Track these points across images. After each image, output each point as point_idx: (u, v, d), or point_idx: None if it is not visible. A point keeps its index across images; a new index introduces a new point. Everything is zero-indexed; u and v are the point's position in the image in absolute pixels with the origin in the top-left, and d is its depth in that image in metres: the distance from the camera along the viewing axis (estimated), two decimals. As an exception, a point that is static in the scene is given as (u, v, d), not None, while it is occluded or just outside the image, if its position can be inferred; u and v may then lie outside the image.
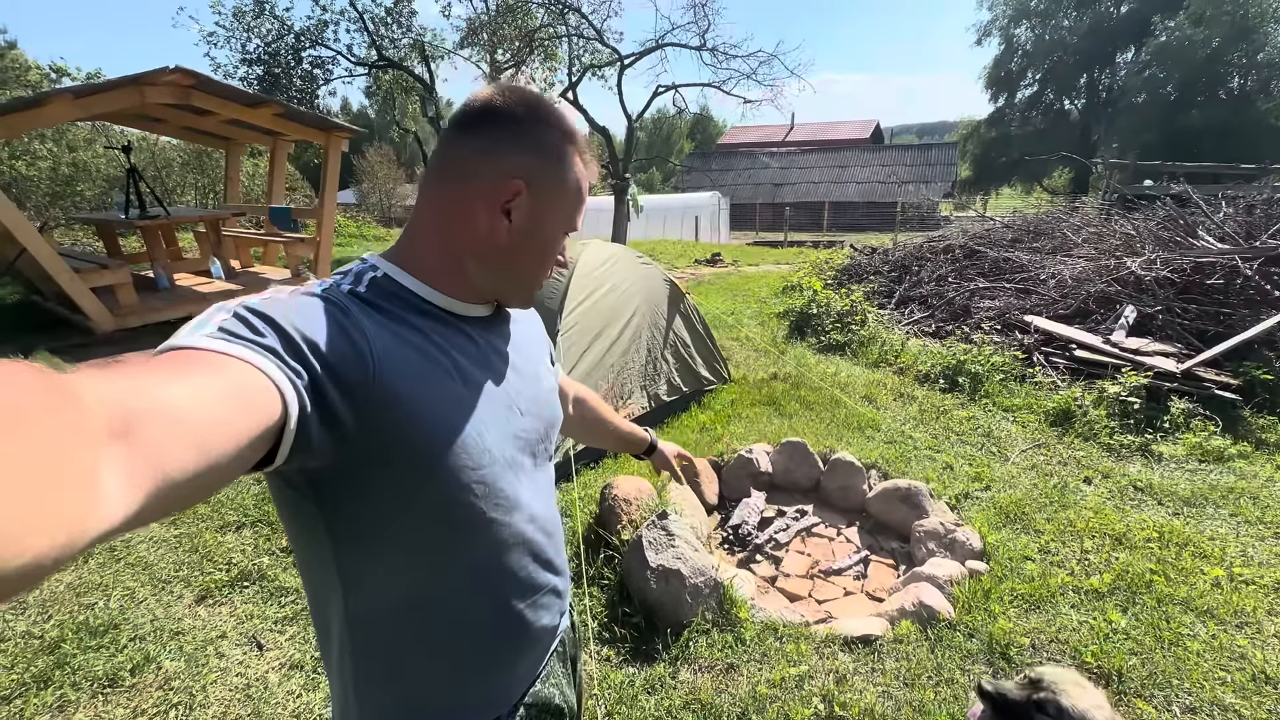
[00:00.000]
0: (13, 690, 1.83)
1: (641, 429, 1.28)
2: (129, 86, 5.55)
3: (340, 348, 0.55)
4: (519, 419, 0.76)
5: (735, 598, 2.21)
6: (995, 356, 4.66)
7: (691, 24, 11.78)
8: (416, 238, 0.71)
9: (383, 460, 0.60)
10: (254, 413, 0.45)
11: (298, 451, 0.51)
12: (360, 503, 0.62)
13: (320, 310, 0.57)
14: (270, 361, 0.48)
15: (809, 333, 5.93)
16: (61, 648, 1.98)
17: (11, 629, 2.08)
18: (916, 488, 2.97)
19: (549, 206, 0.71)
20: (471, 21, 12.52)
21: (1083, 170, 23.10)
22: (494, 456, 0.69)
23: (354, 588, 0.67)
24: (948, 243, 7.69)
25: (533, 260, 0.74)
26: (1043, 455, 3.52)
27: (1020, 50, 25.95)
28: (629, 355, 3.69)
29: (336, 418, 0.54)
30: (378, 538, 0.65)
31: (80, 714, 1.77)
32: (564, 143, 0.71)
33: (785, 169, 29.38)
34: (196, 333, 0.49)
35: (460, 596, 0.72)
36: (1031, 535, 2.73)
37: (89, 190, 12.46)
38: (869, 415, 4.00)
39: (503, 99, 0.68)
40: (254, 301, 0.54)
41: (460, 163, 0.69)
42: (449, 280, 0.70)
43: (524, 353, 0.82)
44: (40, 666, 1.91)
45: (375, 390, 0.57)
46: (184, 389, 0.41)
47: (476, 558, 0.72)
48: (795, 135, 35.28)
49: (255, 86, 11.68)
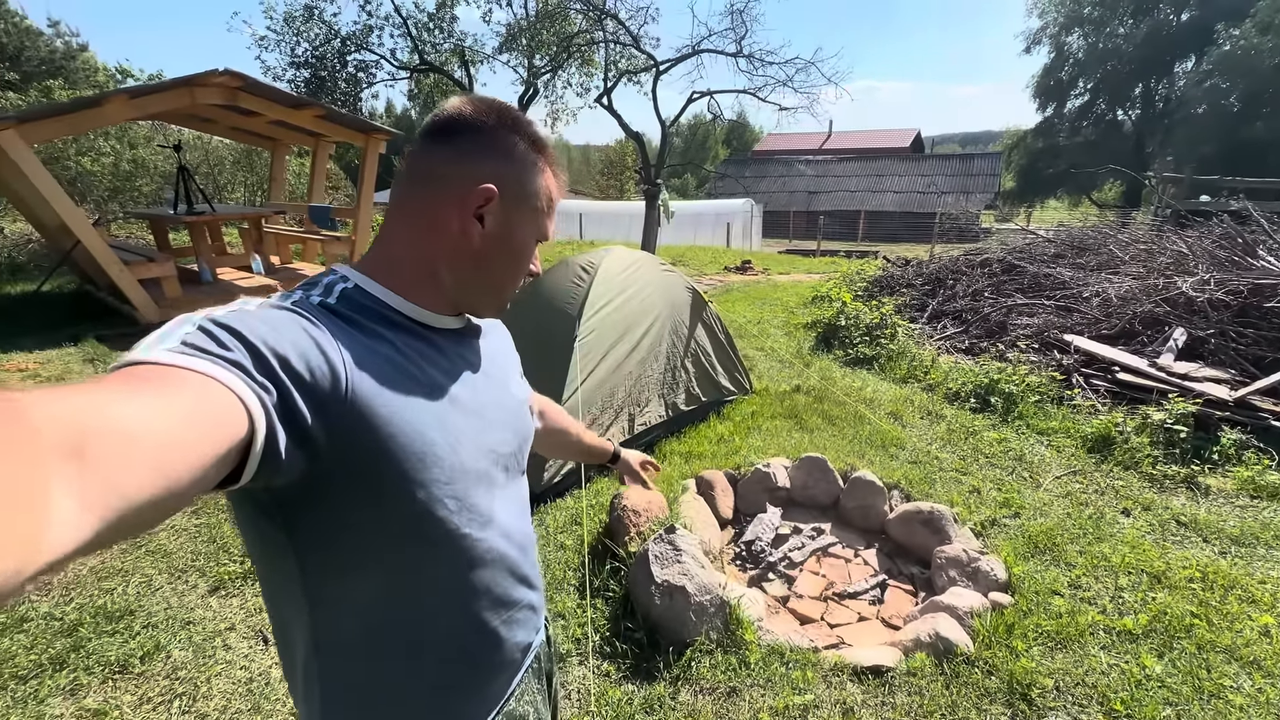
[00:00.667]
0: (30, 671, 1.89)
1: (604, 439, 1.27)
2: (180, 88, 5.80)
3: (310, 361, 0.54)
4: (492, 432, 0.75)
5: (741, 618, 2.14)
6: (1031, 376, 4.47)
7: (728, 30, 11.72)
8: (388, 248, 0.70)
9: (353, 476, 0.58)
10: (217, 430, 0.43)
11: (265, 469, 0.49)
12: (328, 520, 0.61)
13: (289, 322, 0.55)
14: (236, 376, 0.47)
15: (836, 345, 5.80)
16: (79, 631, 2.05)
17: (36, 610, 2.15)
18: (940, 511, 2.85)
19: (520, 213, 0.72)
20: (511, 27, 12.73)
21: (1135, 184, 22.15)
22: (467, 470, 0.68)
23: (321, 609, 0.65)
24: (985, 256, 7.44)
25: (505, 267, 0.74)
26: (1078, 483, 3.34)
27: (1071, 59, 25.12)
28: (648, 363, 3.65)
29: (306, 434, 0.53)
30: (346, 556, 0.63)
31: (90, 698, 1.81)
32: (533, 151, 0.71)
33: (821, 177, 29.02)
34: (158, 346, 0.47)
35: (433, 615, 0.70)
36: (1062, 568, 2.59)
37: (146, 186, 13.05)
38: (894, 433, 3.87)
39: (472, 108, 0.69)
40: (220, 314, 0.52)
41: (432, 170, 0.69)
42: (421, 291, 0.69)
43: (495, 365, 0.81)
44: (58, 649, 1.97)
45: (347, 404, 0.56)
46: (142, 406, 0.39)
47: (449, 575, 0.70)
48: (833, 143, 34.88)
49: (302, 89, 12.10)
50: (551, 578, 2.44)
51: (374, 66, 12.97)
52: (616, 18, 11.81)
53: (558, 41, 12.39)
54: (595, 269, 3.56)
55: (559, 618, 2.23)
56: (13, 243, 9.84)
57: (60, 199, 5.29)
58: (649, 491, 2.80)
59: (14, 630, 2.05)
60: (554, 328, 3.38)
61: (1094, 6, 23.70)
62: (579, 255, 3.81)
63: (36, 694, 1.81)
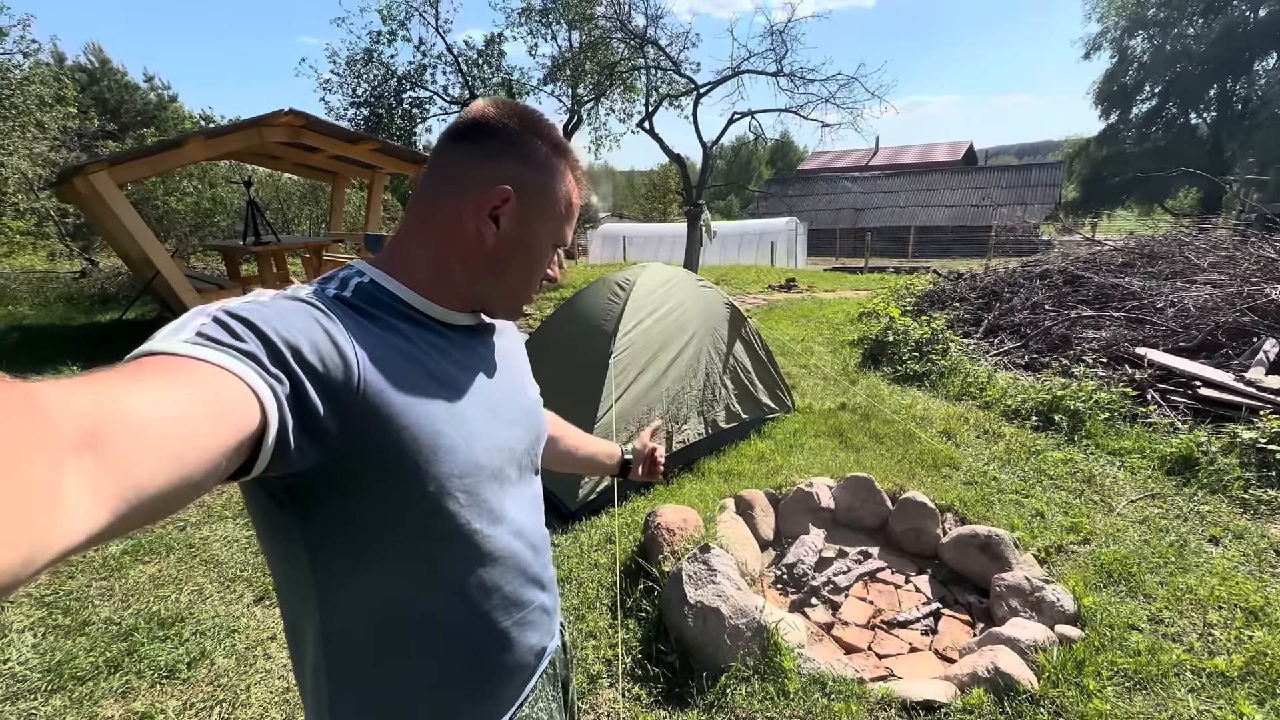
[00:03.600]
0: (88, 673, 1.98)
1: (612, 443, 1.19)
2: (251, 127, 6.26)
3: (324, 353, 0.54)
4: (505, 429, 0.74)
5: (780, 644, 2.03)
6: (1100, 393, 4.16)
7: (768, 51, 11.77)
8: (405, 244, 0.71)
9: (365, 468, 0.58)
10: (230, 421, 0.43)
11: (277, 460, 0.49)
12: (340, 512, 0.60)
13: (304, 314, 0.55)
14: (249, 368, 0.47)
15: (884, 362, 5.59)
16: (134, 636, 2.14)
17: (97, 614, 2.27)
18: (998, 536, 2.65)
19: (537, 216, 0.71)
20: (555, 59, 13.19)
21: (1212, 189, 20.69)
22: (479, 465, 0.67)
23: (331, 603, 0.65)
24: (1045, 267, 7.05)
25: (520, 269, 0.73)
26: (1157, 507, 3.06)
27: (1136, 62, 23.93)
28: (686, 379, 3.60)
29: (319, 425, 0.53)
30: (357, 550, 0.63)
31: (139, 701, 1.88)
32: (554, 155, 0.71)
33: (868, 193, 28.47)
34: (173, 337, 0.47)
35: (442, 613, 0.69)
36: (1140, 600, 2.36)
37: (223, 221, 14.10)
38: (947, 452, 3.66)
39: (495, 111, 0.70)
40: (235, 305, 0.53)
41: (451, 170, 0.70)
42: (436, 287, 0.70)
43: (509, 363, 0.81)
44: (114, 652, 2.06)
45: (360, 396, 0.56)
46: (156, 397, 0.39)
47: (460, 572, 0.69)
48: (880, 159, 34.22)
49: (362, 126, 12.85)
50: (584, 596, 2.39)
51: (427, 102, 13.67)
52: (657, 44, 12.06)
53: (600, 70, 12.74)
54: (631, 285, 3.56)
55: (590, 637, 2.18)
56: (104, 275, 10.75)
57: (143, 233, 5.75)
58: (684, 509, 2.74)
59: (76, 633, 2.16)
60: (589, 344, 3.39)
61: (1159, 8, 22.58)
62: (615, 273, 3.82)
63: (92, 695, 1.89)
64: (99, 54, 22.70)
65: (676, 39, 12.26)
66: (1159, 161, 21.63)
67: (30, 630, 2.17)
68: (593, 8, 12.22)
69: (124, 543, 2.68)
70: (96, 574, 2.52)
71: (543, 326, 4.01)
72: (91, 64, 22.19)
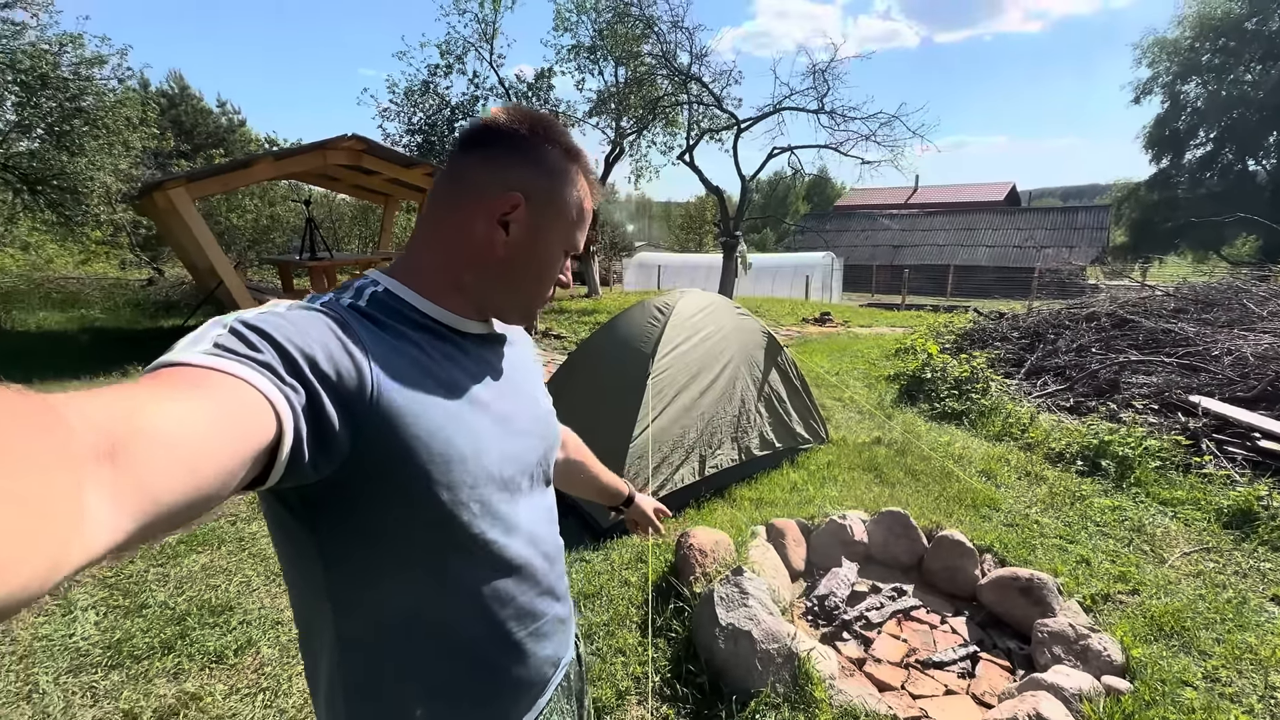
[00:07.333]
0: (144, 652, 2.08)
1: (622, 480, 1.23)
2: (315, 150, 6.66)
3: (339, 363, 0.54)
4: (518, 439, 0.74)
5: (812, 673, 2.01)
6: (1151, 440, 4.02)
7: (810, 89, 11.97)
8: (418, 253, 0.71)
9: (380, 476, 0.59)
10: (248, 432, 0.44)
11: (293, 470, 0.50)
12: (354, 521, 0.61)
13: (319, 324, 0.56)
14: (265, 378, 0.47)
15: (921, 398, 5.50)
16: (186, 621, 2.24)
17: (154, 597, 2.39)
18: (1041, 579, 2.57)
19: (548, 223, 0.71)
20: (601, 93, 13.66)
21: (1273, 236, 19.89)
22: (492, 475, 0.68)
23: (345, 613, 0.65)
24: (1092, 310, 6.87)
25: (530, 276, 0.73)
26: (1213, 561, 2.92)
27: (1189, 107, 23.47)
28: (721, 404, 3.63)
29: (334, 434, 0.53)
30: (371, 558, 0.63)
31: (190, 682, 1.96)
32: (566, 161, 0.71)
33: (907, 231, 28.25)
34: (191, 349, 0.47)
35: (456, 623, 0.69)
36: (1194, 656, 2.25)
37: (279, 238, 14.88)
38: (986, 492, 3.57)
39: (507, 117, 0.69)
40: (250, 316, 0.53)
41: (462, 177, 0.69)
42: (448, 295, 0.70)
43: (521, 372, 0.80)
44: (167, 635, 2.17)
45: (374, 405, 0.56)
46: (174, 408, 0.39)
47: (474, 582, 0.69)
48: (920, 197, 34.02)
49: (415, 152, 13.49)
50: (614, 613, 2.41)
51: (478, 131, 14.26)
52: (700, 81, 12.40)
53: (644, 105, 13.14)
54: (670, 309, 3.63)
55: (619, 653, 2.19)
56: (170, 284, 11.41)
57: (212, 246, 6.13)
58: (716, 532, 2.74)
59: (135, 614, 2.28)
60: (628, 365, 3.45)
61: (1214, 54, 22.21)
62: (655, 297, 3.91)
63: (146, 673, 1.99)
64: (179, 80, 24.50)
65: (719, 76, 12.61)
66: (1215, 207, 20.98)
67: (93, 609, 2.30)
68: (640, 46, 12.68)
69: (180, 532, 2.82)
70: (154, 560, 2.66)
71: (582, 346, 4.10)
72: (172, 89, 23.92)
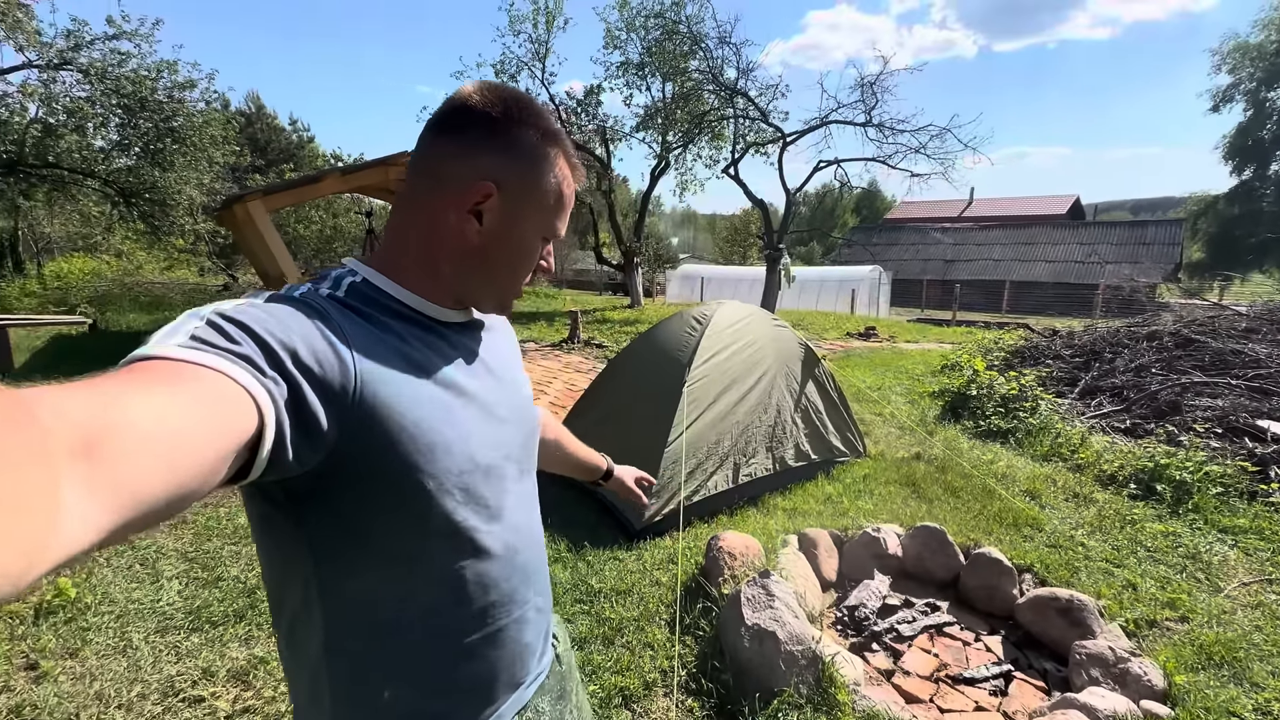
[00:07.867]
0: (219, 619, 2.31)
1: (599, 455, 1.22)
2: (379, 166, 7.10)
3: (320, 354, 0.54)
4: (500, 426, 0.74)
5: (835, 677, 2.04)
6: (1213, 465, 3.83)
7: (858, 102, 11.89)
8: (394, 241, 0.70)
9: (362, 467, 0.58)
10: (227, 426, 0.43)
11: (276, 463, 0.49)
12: (338, 512, 0.60)
13: (298, 315, 0.55)
14: (245, 371, 0.46)
15: (965, 415, 5.38)
16: (256, 594, 2.47)
17: (228, 571, 2.64)
18: (1081, 601, 2.52)
19: (523, 209, 0.69)
20: (649, 108, 13.92)
21: (1374, 255, 18.37)
22: (476, 463, 0.68)
23: (332, 603, 0.64)
24: (1154, 328, 6.56)
25: (505, 264, 0.72)
26: (1275, 593, 2.78)
27: (1275, 115, 22.00)
28: (756, 414, 3.68)
29: (317, 427, 0.52)
30: (357, 549, 0.63)
31: (258, 648, 2.17)
32: (543, 145, 0.69)
33: (959, 245, 27.43)
34: (167, 341, 0.46)
35: (441, 610, 0.69)
36: (1245, 687, 2.16)
37: (341, 248, 15.76)
38: (1029, 512, 3.49)
39: (480, 97, 0.67)
40: (228, 307, 0.52)
41: (434, 164, 0.68)
42: (426, 283, 0.69)
43: (501, 359, 0.80)
44: (239, 605, 2.39)
45: (358, 396, 0.56)
46: (151, 402, 0.39)
47: (458, 569, 0.69)
48: (975, 210, 33.01)
49: (468, 167, 14.06)
50: (644, 610, 2.50)
51: (527, 146, 14.75)
52: (746, 95, 12.49)
53: (690, 119, 13.31)
54: (707, 320, 3.73)
55: (648, 648, 2.28)
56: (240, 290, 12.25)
57: (284, 254, 6.61)
58: (747, 537, 2.80)
59: (212, 585, 2.53)
60: (665, 373, 3.56)
61: (1302, 58, 20.82)
62: (693, 308, 4.01)
63: (221, 638, 2.20)
64: (256, 100, 26.37)
65: (766, 90, 12.68)
66: (1304, 222, 19.55)
67: (177, 579, 2.56)
68: (687, 62, 12.89)
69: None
70: (229, 539, 2.91)
71: (621, 354, 4.24)
72: (250, 109, 25.73)
